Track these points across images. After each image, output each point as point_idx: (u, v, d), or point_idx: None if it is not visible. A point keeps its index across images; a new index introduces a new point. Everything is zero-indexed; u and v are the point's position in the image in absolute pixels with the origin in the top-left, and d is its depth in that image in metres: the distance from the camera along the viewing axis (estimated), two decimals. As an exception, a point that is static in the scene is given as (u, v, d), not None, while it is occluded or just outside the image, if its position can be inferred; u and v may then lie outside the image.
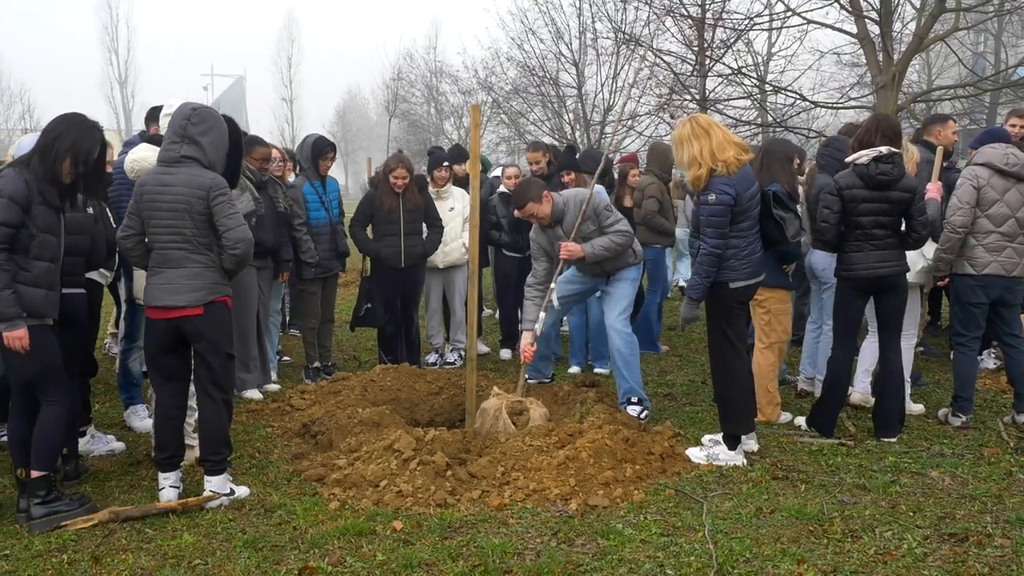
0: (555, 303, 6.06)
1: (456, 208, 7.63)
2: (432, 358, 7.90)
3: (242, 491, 4.71)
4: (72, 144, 4.30)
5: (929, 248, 5.88)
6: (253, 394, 6.62)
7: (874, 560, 3.82)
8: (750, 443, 5.27)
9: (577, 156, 7.98)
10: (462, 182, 7.85)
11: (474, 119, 5.81)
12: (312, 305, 7.21)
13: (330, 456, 5.16)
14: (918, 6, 13.57)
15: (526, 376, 6.23)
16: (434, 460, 4.77)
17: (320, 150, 7.14)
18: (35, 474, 4.31)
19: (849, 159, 5.44)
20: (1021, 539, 3.98)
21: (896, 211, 5.38)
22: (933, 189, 5.84)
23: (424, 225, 7.35)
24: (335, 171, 8.06)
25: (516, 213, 6.27)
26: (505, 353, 8.23)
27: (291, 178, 7.70)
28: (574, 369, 7.57)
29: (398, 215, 7.15)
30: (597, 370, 7.44)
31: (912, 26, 13.51)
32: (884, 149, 5.30)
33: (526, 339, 6.01)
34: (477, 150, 5.83)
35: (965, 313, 5.85)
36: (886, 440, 5.49)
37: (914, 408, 6.11)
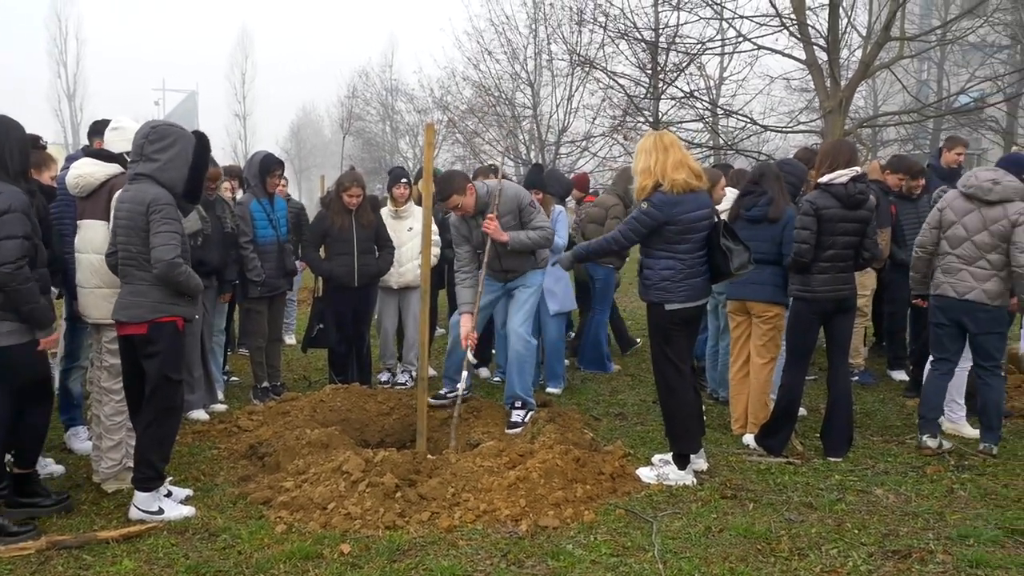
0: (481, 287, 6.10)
1: (415, 228, 7.58)
2: (384, 377, 7.83)
3: (186, 511, 4.62)
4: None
5: None
6: (199, 415, 6.50)
7: (820, 578, 3.86)
8: (699, 462, 5.30)
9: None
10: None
11: (428, 138, 5.80)
12: (259, 324, 7.11)
13: (277, 478, 5.07)
14: (864, 34, 13.90)
15: (445, 391, 6.39)
16: (383, 481, 4.71)
17: (268, 167, 7.06)
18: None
19: (824, 180, 5.52)
20: (962, 555, 4.04)
21: (860, 231, 5.50)
22: None
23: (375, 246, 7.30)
24: (288, 188, 7.97)
25: (440, 203, 6.25)
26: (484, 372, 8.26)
27: (238, 195, 7.61)
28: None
29: (351, 234, 7.10)
30: (550, 390, 7.43)
31: (859, 53, 13.84)
32: (858, 169, 5.45)
33: (465, 323, 6.03)
34: (430, 169, 5.81)
35: (931, 333, 5.92)
36: (833, 459, 5.55)
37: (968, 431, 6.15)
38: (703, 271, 5.11)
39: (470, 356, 6.05)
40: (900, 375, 7.93)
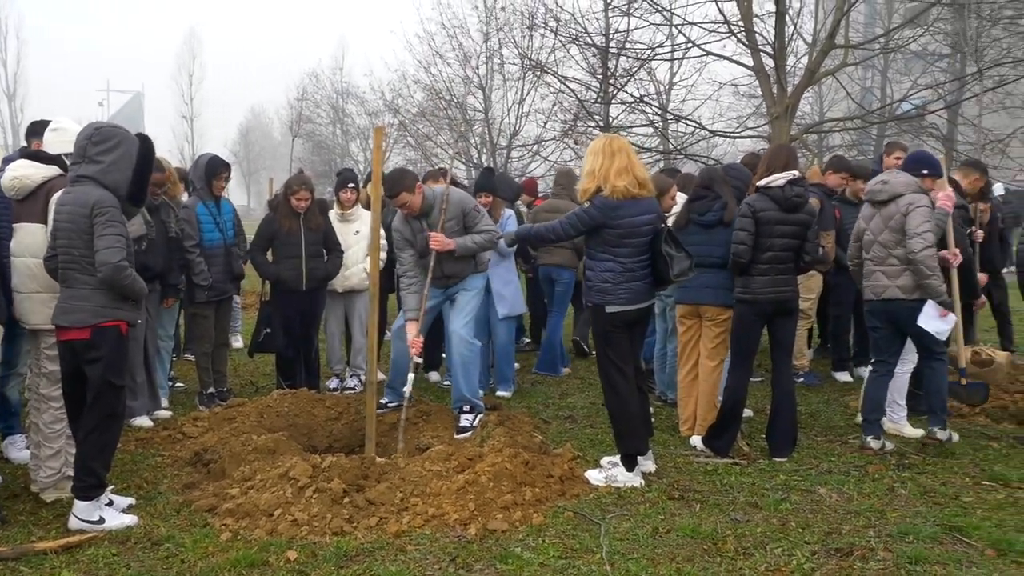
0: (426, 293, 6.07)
1: (362, 232, 7.53)
2: (333, 383, 7.76)
3: (128, 520, 4.53)
4: None
5: None
6: (142, 422, 6.38)
7: (765, 577, 3.91)
8: (647, 464, 5.34)
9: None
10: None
11: (377, 141, 5.77)
12: (205, 329, 7.00)
13: (223, 485, 5.00)
14: (810, 42, 14.15)
15: (385, 400, 6.37)
16: (331, 487, 4.66)
17: (214, 170, 6.97)
18: None
19: (761, 183, 5.61)
20: (902, 552, 4.12)
21: (800, 234, 5.59)
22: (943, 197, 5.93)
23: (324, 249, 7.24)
24: (237, 191, 7.89)
25: (388, 199, 6.20)
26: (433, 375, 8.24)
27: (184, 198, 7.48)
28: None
29: (299, 237, 7.03)
30: (500, 393, 7.43)
31: (805, 60, 14.08)
32: (795, 172, 5.52)
33: (411, 330, 6.00)
34: (379, 172, 5.79)
35: (870, 337, 6.06)
36: (778, 459, 5.63)
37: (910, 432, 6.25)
38: (645, 275, 5.15)
39: (417, 359, 6.02)
40: (844, 376, 8.07)
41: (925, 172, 5.81)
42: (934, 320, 5.49)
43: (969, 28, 19.29)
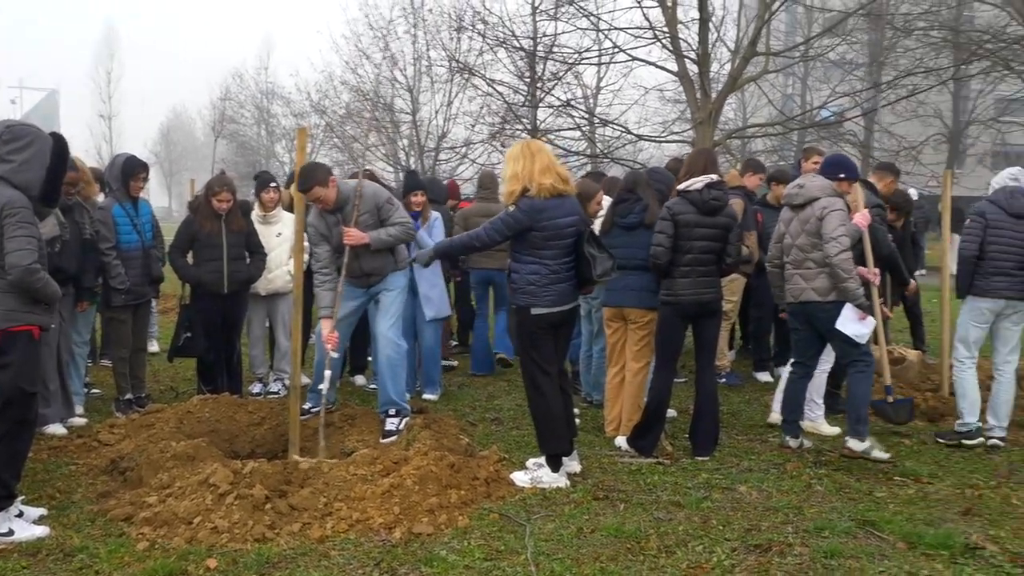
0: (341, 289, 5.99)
1: (284, 234, 7.41)
2: (256, 388, 7.63)
3: (38, 531, 4.38)
4: None
5: None
6: (56, 429, 6.17)
7: (686, 574, 3.98)
8: (573, 464, 5.37)
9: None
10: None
11: (300, 142, 5.70)
12: (122, 333, 6.81)
13: (140, 493, 4.87)
14: (733, 49, 14.46)
15: (309, 406, 6.28)
16: (252, 493, 4.58)
17: (131, 170, 6.79)
18: None
19: (680, 187, 5.70)
20: (818, 547, 4.23)
21: (721, 236, 5.68)
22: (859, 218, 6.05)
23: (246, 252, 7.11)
24: (158, 193, 7.71)
25: (301, 194, 6.11)
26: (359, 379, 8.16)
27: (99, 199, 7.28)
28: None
29: (220, 239, 6.89)
30: (426, 396, 7.40)
31: (728, 67, 14.39)
32: (714, 176, 5.62)
33: (326, 326, 5.94)
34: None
35: (791, 339, 6.17)
36: (701, 458, 5.73)
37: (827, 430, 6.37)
38: (570, 277, 5.19)
39: (332, 354, 5.95)
40: (765, 376, 8.25)
41: (842, 176, 5.89)
42: (852, 323, 5.55)
43: (884, 38, 19.95)
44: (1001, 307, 6.11)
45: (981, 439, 6.12)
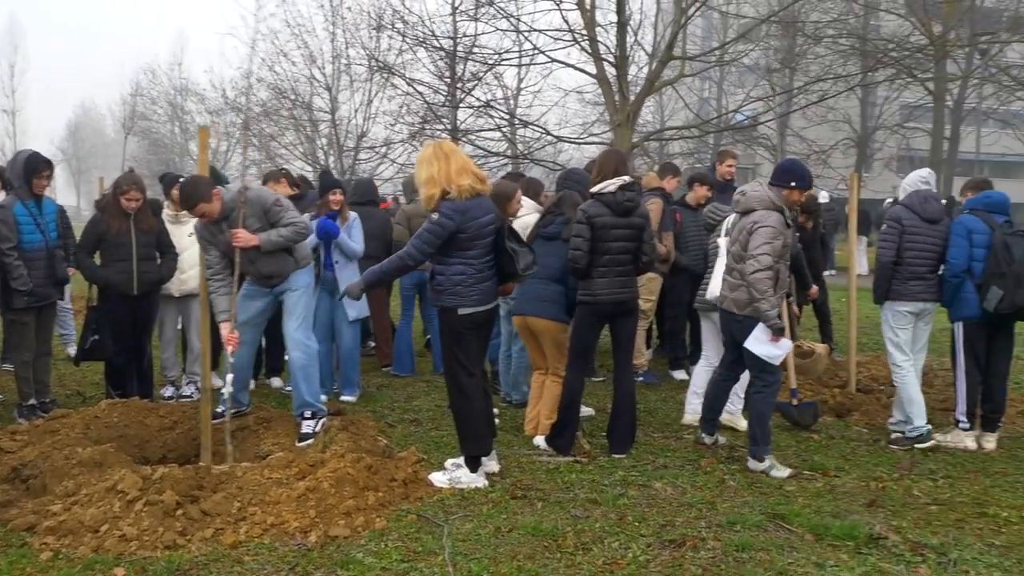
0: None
1: (196, 234, 7.25)
2: (168, 391, 7.44)
3: None
4: None
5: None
6: (-47, 437, 5.91)
7: (602, 570, 4.02)
8: (491, 464, 5.38)
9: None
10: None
11: (202, 141, 5.58)
12: (25, 337, 6.56)
13: (43, 502, 4.69)
14: (650, 52, 14.69)
15: (222, 409, 6.04)
16: (163, 499, 4.46)
17: (34, 168, 6.54)
18: None
19: (594, 189, 5.75)
20: (730, 540, 4.33)
21: (636, 236, 5.75)
22: None
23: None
24: (66, 191, 7.45)
25: (187, 211, 5.98)
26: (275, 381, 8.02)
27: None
28: (322, 397, 7.38)
29: (130, 239, 6.68)
30: (344, 398, 7.31)
31: (646, 71, 14.62)
32: (627, 178, 5.68)
33: (224, 328, 5.83)
34: (207, 172, 5.63)
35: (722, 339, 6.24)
36: (618, 456, 5.80)
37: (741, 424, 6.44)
38: (493, 275, 5.21)
39: (230, 357, 5.84)
40: (680, 375, 8.39)
41: (793, 184, 5.58)
42: (763, 344, 5.41)
43: (796, 45, 20.51)
44: (919, 309, 6.31)
45: (933, 442, 6.13)
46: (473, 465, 5.19)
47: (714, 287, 6.12)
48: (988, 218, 6.09)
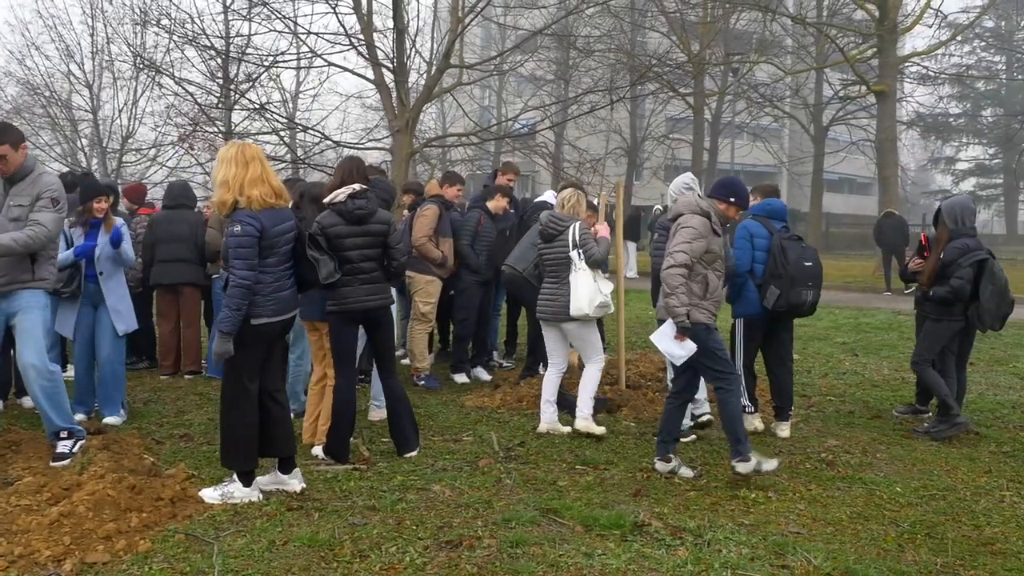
0: None
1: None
2: None
3: None
4: None
5: (606, 285, 6.43)
6: None
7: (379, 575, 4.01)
8: (293, 482, 5.17)
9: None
10: None
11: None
12: None
13: None
14: (428, 60, 14.83)
15: None
16: None
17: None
18: None
19: (326, 199, 5.71)
20: (505, 537, 4.44)
21: (378, 243, 5.77)
22: (603, 229, 6.24)
23: None
24: None
25: None
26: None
27: None
28: (79, 416, 6.85)
29: None
30: (108, 420, 6.77)
31: (425, 77, 14.74)
32: (357, 186, 5.68)
33: None
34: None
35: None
36: (408, 456, 5.86)
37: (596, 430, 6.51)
38: (291, 284, 5.07)
39: None
40: (461, 378, 8.52)
41: (732, 200, 5.70)
42: (667, 340, 5.41)
43: (569, 58, 21.43)
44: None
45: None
46: (246, 479, 5.01)
47: (580, 301, 6.33)
48: (768, 223, 6.65)
